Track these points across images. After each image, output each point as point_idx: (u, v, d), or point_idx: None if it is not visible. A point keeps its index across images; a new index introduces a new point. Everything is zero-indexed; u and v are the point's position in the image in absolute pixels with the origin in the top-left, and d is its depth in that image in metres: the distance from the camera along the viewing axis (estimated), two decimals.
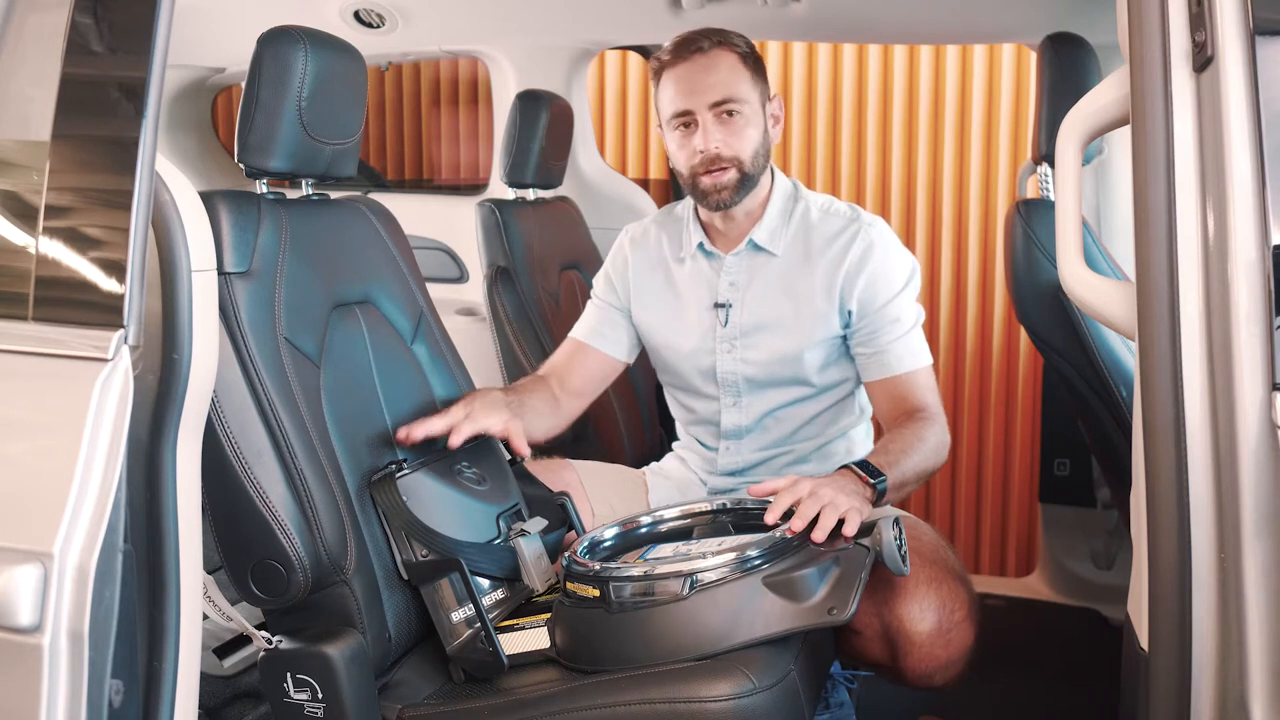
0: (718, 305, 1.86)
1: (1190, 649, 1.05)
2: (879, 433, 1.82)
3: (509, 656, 1.40)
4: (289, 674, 1.34)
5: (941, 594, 1.48)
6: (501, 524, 1.59)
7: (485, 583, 1.49)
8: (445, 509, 1.51)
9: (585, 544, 1.51)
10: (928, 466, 1.66)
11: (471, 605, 1.41)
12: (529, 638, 1.43)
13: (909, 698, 1.56)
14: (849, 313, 1.80)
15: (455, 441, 1.54)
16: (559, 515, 1.71)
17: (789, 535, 1.37)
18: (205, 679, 1.45)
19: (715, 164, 1.75)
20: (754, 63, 1.79)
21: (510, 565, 1.53)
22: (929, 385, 1.78)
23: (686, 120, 1.77)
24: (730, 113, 1.75)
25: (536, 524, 1.59)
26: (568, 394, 1.91)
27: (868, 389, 1.83)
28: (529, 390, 1.85)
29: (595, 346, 1.96)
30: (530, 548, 1.53)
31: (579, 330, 1.99)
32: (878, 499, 1.52)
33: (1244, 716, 1.00)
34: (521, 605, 1.53)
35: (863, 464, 1.55)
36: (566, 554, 1.47)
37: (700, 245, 1.88)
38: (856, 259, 1.78)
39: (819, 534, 1.38)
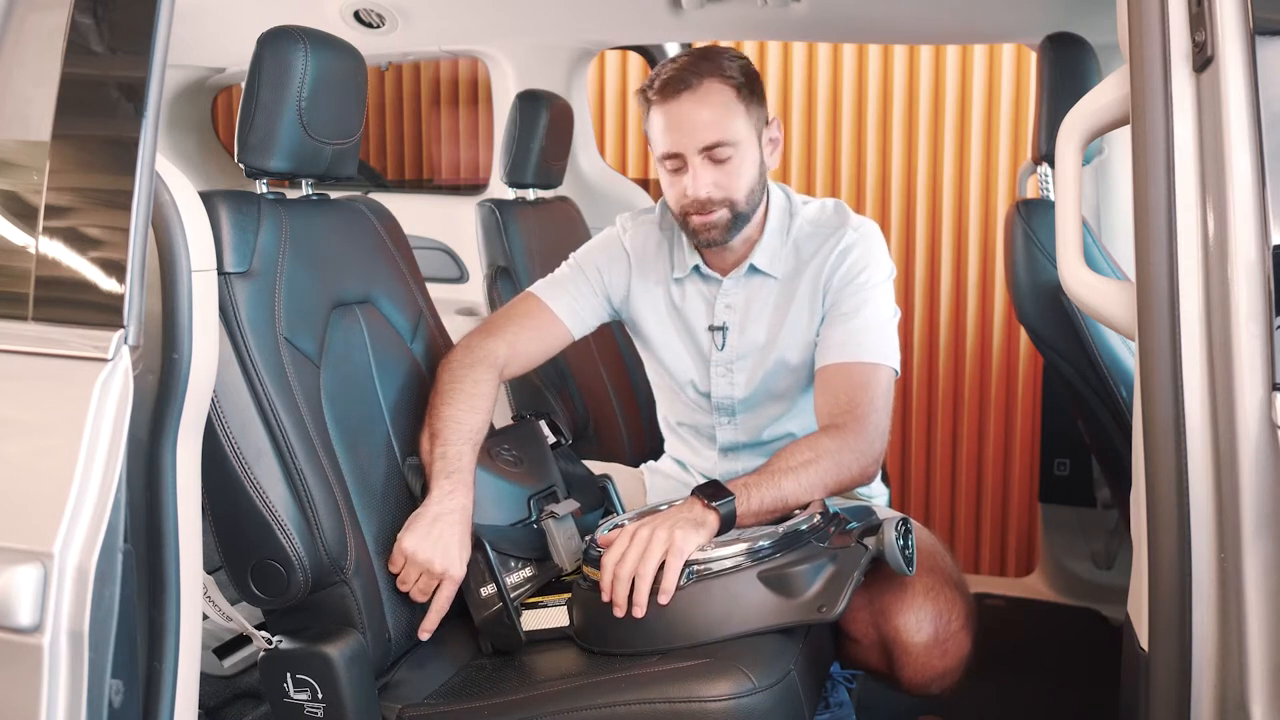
0: (713, 328, 1.80)
1: (1190, 649, 1.05)
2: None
3: (530, 632, 1.47)
4: (289, 674, 1.34)
5: (938, 604, 1.48)
6: (532, 506, 1.63)
7: (515, 560, 1.55)
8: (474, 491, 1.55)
9: (605, 529, 1.54)
10: (830, 480, 1.52)
11: (495, 583, 1.47)
12: (551, 615, 1.48)
13: (909, 697, 1.56)
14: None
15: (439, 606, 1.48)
16: (598, 496, 1.75)
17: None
18: (205, 679, 1.45)
19: (706, 206, 1.67)
20: (749, 91, 1.67)
21: (538, 545, 1.56)
22: (869, 385, 1.60)
23: (675, 166, 1.68)
24: (721, 156, 1.65)
25: (566, 506, 1.62)
26: (515, 362, 1.75)
27: (815, 381, 1.70)
28: (479, 422, 1.60)
29: (560, 316, 1.79)
30: (560, 529, 1.57)
31: (549, 295, 1.81)
32: (725, 523, 1.43)
33: (1244, 716, 1.00)
34: (551, 582, 1.57)
35: (713, 484, 1.46)
36: (589, 538, 1.51)
37: (696, 268, 1.81)
38: (836, 258, 1.72)
39: (635, 596, 1.36)
